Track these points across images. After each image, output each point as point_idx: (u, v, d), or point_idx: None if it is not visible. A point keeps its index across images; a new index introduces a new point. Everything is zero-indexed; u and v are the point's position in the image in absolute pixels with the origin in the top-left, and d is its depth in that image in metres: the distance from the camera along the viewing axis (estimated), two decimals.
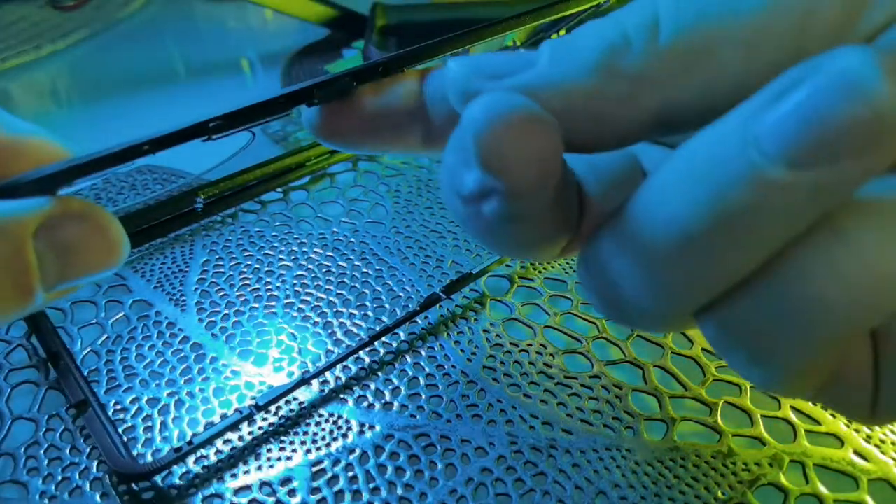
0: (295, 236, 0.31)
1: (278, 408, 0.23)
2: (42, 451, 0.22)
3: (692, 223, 0.11)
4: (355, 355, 0.25)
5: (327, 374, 0.24)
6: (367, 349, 0.25)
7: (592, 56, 0.12)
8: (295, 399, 0.23)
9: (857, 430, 0.23)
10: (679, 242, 0.11)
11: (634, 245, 0.12)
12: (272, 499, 0.21)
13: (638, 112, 0.12)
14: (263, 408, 0.22)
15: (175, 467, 0.21)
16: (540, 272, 0.29)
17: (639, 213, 0.12)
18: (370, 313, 0.27)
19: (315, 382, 0.24)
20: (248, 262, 0.29)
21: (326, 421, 0.23)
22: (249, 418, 0.22)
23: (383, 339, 0.25)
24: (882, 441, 0.23)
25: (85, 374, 0.23)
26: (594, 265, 0.13)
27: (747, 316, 0.12)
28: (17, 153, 0.14)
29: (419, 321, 0.27)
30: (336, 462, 0.22)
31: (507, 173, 0.11)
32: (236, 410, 0.22)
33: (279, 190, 0.34)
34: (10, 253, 0.13)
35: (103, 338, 0.26)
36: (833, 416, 0.24)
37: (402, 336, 0.26)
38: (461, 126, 0.12)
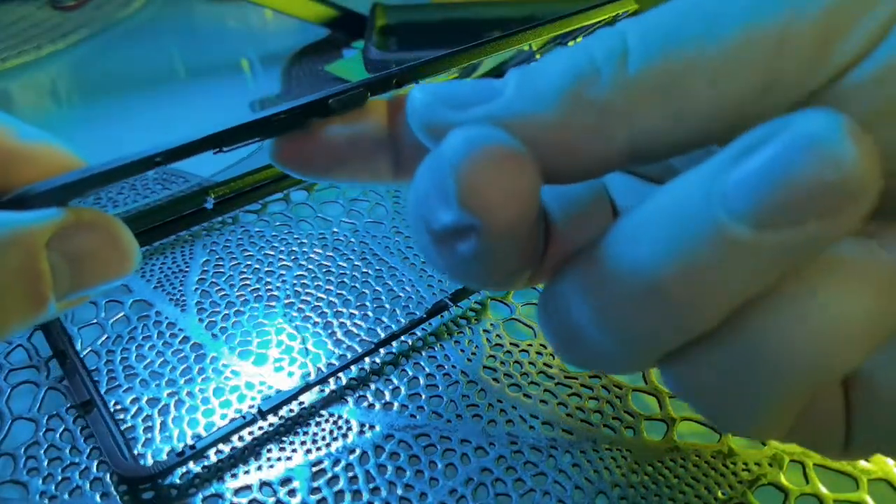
0: (295, 236, 0.31)
1: (278, 408, 0.23)
2: (42, 451, 0.22)
3: (656, 274, 0.11)
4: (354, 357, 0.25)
5: None
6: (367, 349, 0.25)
7: (560, 85, 0.12)
8: (295, 399, 0.23)
9: None
10: (642, 292, 0.11)
11: (597, 289, 0.12)
12: (272, 499, 0.21)
13: (607, 143, 0.12)
14: (267, 413, 0.22)
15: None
16: None
17: (604, 259, 0.12)
18: (370, 313, 0.27)
19: None
20: (249, 262, 0.29)
21: (326, 421, 0.23)
22: (253, 423, 0.22)
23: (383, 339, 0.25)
24: None
25: None
26: (554, 305, 0.13)
27: (710, 369, 0.12)
28: (29, 161, 0.14)
29: None
30: (336, 462, 0.22)
31: (487, 213, 0.11)
32: (240, 416, 0.22)
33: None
34: (23, 263, 0.13)
35: (103, 338, 0.26)
36: None
37: (403, 336, 0.26)
38: (436, 159, 0.12)
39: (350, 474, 0.22)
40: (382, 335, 0.26)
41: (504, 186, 0.11)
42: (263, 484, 0.21)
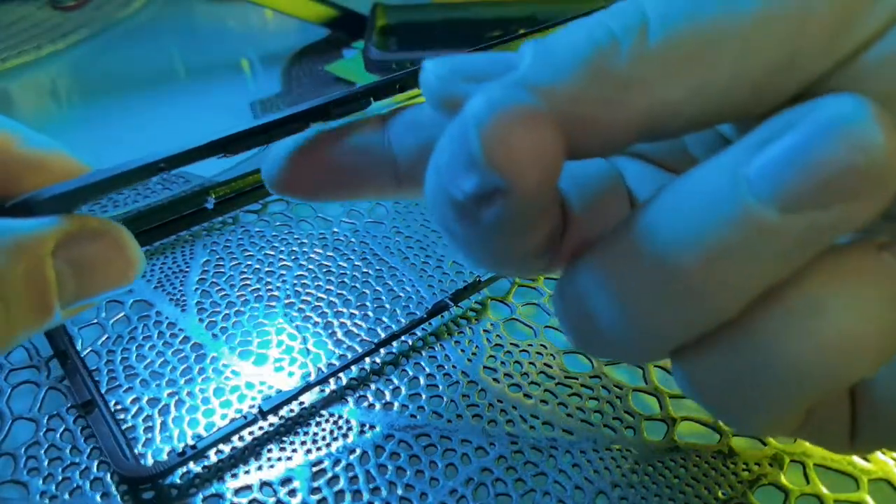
0: (295, 236, 0.31)
1: (279, 408, 0.23)
2: (42, 451, 0.22)
3: (679, 259, 0.11)
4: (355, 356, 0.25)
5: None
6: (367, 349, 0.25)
7: (578, 57, 0.12)
8: (295, 399, 0.23)
9: None
10: (664, 277, 0.11)
11: (619, 275, 0.12)
12: (273, 499, 0.21)
13: (626, 115, 0.12)
14: (267, 413, 0.22)
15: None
16: None
17: (626, 244, 0.12)
18: (370, 313, 0.27)
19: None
20: (249, 262, 0.29)
21: (327, 421, 0.23)
22: (253, 423, 0.22)
23: (384, 338, 0.25)
24: None
25: None
26: (573, 291, 0.13)
27: (720, 370, 0.12)
28: (36, 168, 0.14)
29: None
30: (336, 462, 0.22)
31: (513, 170, 0.11)
32: (241, 416, 0.22)
33: None
34: (29, 271, 0.13)
35: (104, 338, 0.26)
36: None
37: (403, 336, 0.26)
38: (459, 124, 0.11)
39: (350, 474, 0.22)
40: (383, 335, 0.26)
41: (530, 144, 0.11)
42: (264, 484, 0.21)
